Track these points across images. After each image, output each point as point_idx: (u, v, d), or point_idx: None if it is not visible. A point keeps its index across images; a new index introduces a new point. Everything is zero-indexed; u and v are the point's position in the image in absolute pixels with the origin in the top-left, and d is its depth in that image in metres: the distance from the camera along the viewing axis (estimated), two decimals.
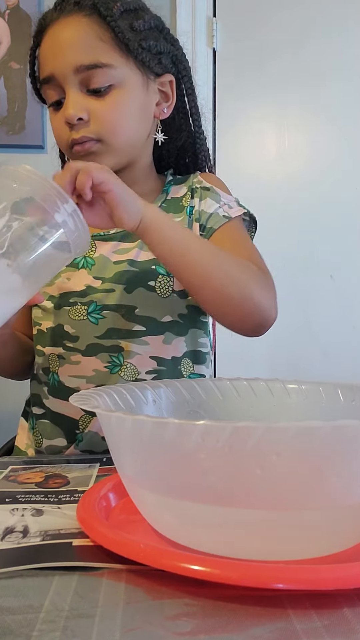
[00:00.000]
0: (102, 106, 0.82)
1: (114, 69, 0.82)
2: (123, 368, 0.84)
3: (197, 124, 0.96)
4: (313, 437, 0.40)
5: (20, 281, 0.62)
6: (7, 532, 0.50)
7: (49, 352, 0.88)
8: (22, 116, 1.86)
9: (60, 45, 0.82)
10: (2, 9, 1.85)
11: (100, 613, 0.38)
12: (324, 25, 2.00)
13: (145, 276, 0.84)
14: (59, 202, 0.63)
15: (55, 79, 0.83)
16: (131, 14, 0.85)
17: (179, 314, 0.86)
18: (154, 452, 0.45)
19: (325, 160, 2.04)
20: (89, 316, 0.85)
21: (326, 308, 2.03)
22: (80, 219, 0.65)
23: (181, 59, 0.92)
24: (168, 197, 0.92)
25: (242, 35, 1.99)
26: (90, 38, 0.82)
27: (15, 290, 0.63)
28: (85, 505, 0.52)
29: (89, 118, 0.82)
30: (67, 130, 0.83)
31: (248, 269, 0.82)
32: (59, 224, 0.63)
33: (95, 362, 0.84)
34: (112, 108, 0.83)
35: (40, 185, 0.63)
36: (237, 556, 0.42)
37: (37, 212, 0.63)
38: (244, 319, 0.82)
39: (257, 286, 0.81)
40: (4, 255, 0.60)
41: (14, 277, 0.62)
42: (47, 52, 0.84)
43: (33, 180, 0.63)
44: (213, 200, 0.90)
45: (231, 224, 0.89)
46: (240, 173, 1.97)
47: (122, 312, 0.84)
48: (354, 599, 0.39)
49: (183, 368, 0.87)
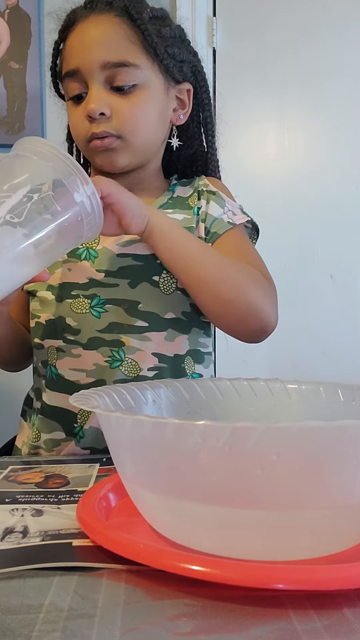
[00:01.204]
0: (125, 104, 0.84)
1: (140, 69, 0.85)
2: (124, 363, 0.84)
3: (210, 134, 0.99)
4: (313, 437, 0.40)
5: (33, 252, 0.63)
6: (7, 532, 0.50)
7: (48, 344, 0.88)
8: (21, 116, 1.86)
9: (89, 41, 0.84)
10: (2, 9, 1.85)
11: (100, 613, 0.38)
12: (324, 25, 2.00)
13: (149, 271, 0.85)
14: (79, 182, 0.65)
15: (80, 72, 0.85)
16: (159, 21, 0.88)
17: (182, 312, 0.86)
18: (154, 452, 0.45)
19: (325, 160, 2.04)
20: (91, 309, 0.85)
21: (326, 308, 2.03)
22: (97, 202, 0.66)
23: (200, 70, 0.95)
24: (174, 195, 0.93)
25: (242, 35, 1.99)
26: (119, 37, 0.84)
27: (28, 259, 0.63)
28: (85, 505, 0.52)
29: (111, 114, 0.84)
30: (86, 124, 0.85)
31: (249, 274, 0.83)
32: (77, 202, 0.65)
33: (95, 356, 0.84)
34: (135, 107, 0.85)
35: (63, 163, 0.64)
36: (237, 556, 0.42)
37: (57, 188, 0.64)
38: (242, 324, 0.83)
39: (258, 292, 0.82)
40: (21, 225, 0.61)
41: (28, 246, 0.62)
42: (75, 47, 0.86)
43: (56, 157, 0.64)
44: (218, 205, 0.92)
45: (235, 231, 0.90)
46: (240, 173, 1.97)
47: (125, 306, 0.84)
48: (354, 599, 0.39)
49: (187, 366, 0.87)
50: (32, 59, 1.85)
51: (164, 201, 0.92)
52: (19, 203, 0.61)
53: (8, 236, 0.61)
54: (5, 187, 0.62)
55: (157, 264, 0.85)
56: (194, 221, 0.90)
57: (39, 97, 1.83)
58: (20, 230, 0.61)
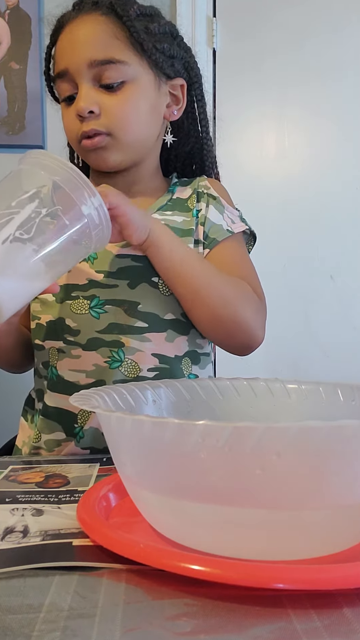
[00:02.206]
0: (113, 101, 0.84)
1: (127, 65, 0.84)
2: (124, 364, 0.84)
3: (205, 130, 0.98)
4: (313, 437, 0.40)
5: (44, 267, 0.64)
6: (7, 532, 0.50)
7: (49, 345, 0.88)
8: (22, 116, 1.86)
9: (76, 41, 0.85)
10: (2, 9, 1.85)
11: (100, 613, 0.38)
12: (324, 25, 2.00)
13: (148, 272, 0.85)
14: (87, 194, 0.65)
15: (69, 73, 0.85)
16: (147, 18, 0.88)
17: (181, 313, 0.87)
18: (154, 452, 0.45)
19: (325, 160, 2.04)
20: (90, 310, 0.85)
21: (326, 308, 2.03)
22: (105, 214, 0.67)
23: (193, 66, 0.95)
24: (173, 197, 0.93)
25: (242, 35, 1.99)
26: (105, 35, 0.84)
27: (39, 274, 0.64)
28: (85, 505, 0.52)
29: (100, 112, 0.84)
30: (77, 124, 0.85)
31: (242, 291, 0.85)
32: (85, 215, 0.65)
33: (95, 357, 0.84)
34: (124, 103, 0.85)
35: (70, 176, 0.65)
36: (237, 556, 0.42)
37: (64, 202, 0.64)
38: (230, 339, 0.86)
39: (249, 309, 0.84)
40: (30, 240, 0.61)
41: (38, 262, 0.63)
42: (63, 48, 0.87)
43: (63, 170, 0.65)
44: (217, 210, 0.92)
45: (233, 239, 0.91)
46: (240, 173, 1.98)
47: (125, 307, 0.85)
48: (354, 599, 0.39)
49: (184, 367, 0.88)
50: (32, 60, 1.85)
51: (163, 203, 0.92)
52: (27, 219, 0.62)
53: (19, 253, 0.61)
54: (14, 203, 0.62)
55: None
56: (193, 223, 0.90)
57: (39, 97, 1.83)
58: (30, 246, 0.62)
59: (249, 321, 0.84)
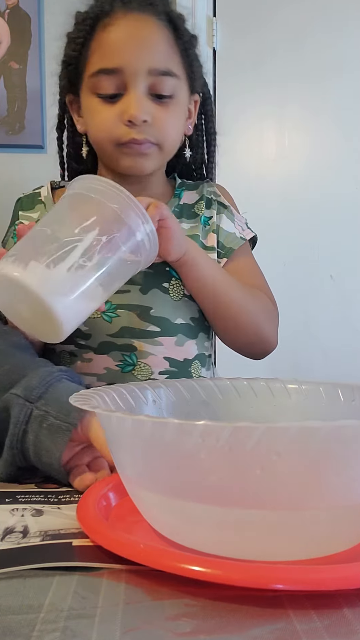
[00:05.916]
0: (164, 114, 0.86)
1: (178, 80, 0.87)
2: (137, 368, 0.85)
3: (213, 144, 1.01)
4: (313, 437, 0.40)
5: (101, 290, 0.69)
6: (7, 532, 0.50)
7: (60, 349, 0.88)
8: (21, 116, 1.85)
9: (137, 42, 0.84)
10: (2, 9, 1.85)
11: (100, 613, 0.38)
12: (324, 25, 1.99)
13: (159, 278, 0.87)
14: (141, 222, 0.70)
15: (122, 73, 0.83)
16: (194, 39, 0.91)
17: (190, 317, 0.88)
18: (154, 452, 0.45)
19: (326, 160, 2.04)
20: (103, 314, 0.85)
21: (326, 308, 2.03)
22: (155, 240, 0.72)
23: (206, 82, 0.98)
24: (180, 202, 0.94)
25: (242, 35, 1.99)
26: (167, 46, 0.85)
27: (96, 297, 0.69)
28: (85, 505, 0.52)
29: (152, 122, 0.85)
30: (121, 127, 0.85)
31: (261, 303, 0.92)
32: (138, 242, 0.70)
33: (107, 360, 0.85)
34: (172, 117, 0.87)
35: (126, 204, 0.69)
36: (237, 556, 0.42)
37: (121, 229, 0.69)
38: (250, 347, 0.94)
39: (267, 322, 0.93)
40: (93, 268, 0.66)
41: (96, 285, 0.68)
42: (119, 44, 0.84)
43: (120, 198, 0.69)
44: (229, 219, 0.95)
45: (245, 247, 0.96)
46: (240, 173, 1.97)
47: (138, 312, 0.85)
48: (354, 599, 0.39)
49: (193, 370, 0.89)
50: (32, 59, 1.84)
51: (171, 209, 0.92)
52: (90, 247, 0.66)
53: (81, 278, 0.66)
54: (77, 231, 0.67)
55: (166, 270, 0.86)
56: (199, 229, 0.91)
57: (39, 97, 1.83)
58: (91, 272, 0.66)
59: (268, 332, 0.91)
